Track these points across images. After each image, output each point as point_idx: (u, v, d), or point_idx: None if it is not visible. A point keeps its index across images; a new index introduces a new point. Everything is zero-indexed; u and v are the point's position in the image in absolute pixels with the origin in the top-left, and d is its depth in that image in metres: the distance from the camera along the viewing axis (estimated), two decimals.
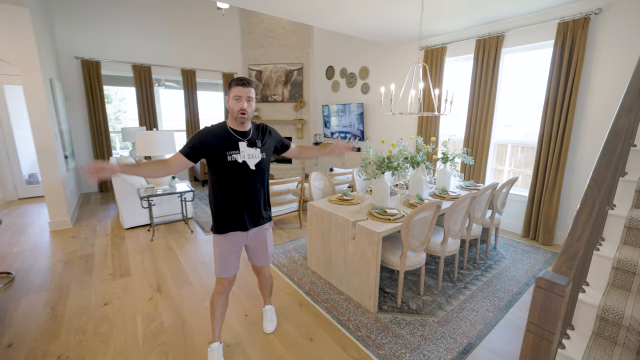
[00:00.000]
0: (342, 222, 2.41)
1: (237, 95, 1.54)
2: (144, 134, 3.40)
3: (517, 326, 2.14)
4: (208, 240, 3.54)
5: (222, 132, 1.60)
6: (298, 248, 3.37)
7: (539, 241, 3.53)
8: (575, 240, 0.93)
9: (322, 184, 3.39)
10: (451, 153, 3.23)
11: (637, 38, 2.82)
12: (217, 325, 1.82)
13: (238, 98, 1.54)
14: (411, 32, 4.36)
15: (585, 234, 0.94)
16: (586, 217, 0.98)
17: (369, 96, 5.77)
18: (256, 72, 7.00)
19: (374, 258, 2.17)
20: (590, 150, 3.19)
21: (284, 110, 7.18)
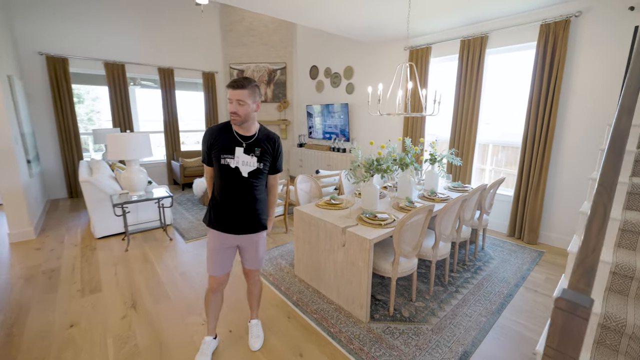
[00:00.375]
0: (331, 228, 2.30)
1: (229, 97, 1.52)
2: (116, 136, 3.15)
3: (511, 331, 2.10)
4: (188, 249, 3.34)
5: (227, 133, 1.59)
6: (284, 254, 3.23)
7: (524, 240, 3.56)
8: (590, 251, 0.86)
9: (308, 186, 3.27)
10: (439, 154, 3.19)
11: (613, 41, 2.88)
12: (211, 321, 1.84)
13: (230, 100, 1.52)
14: (395, 32, 4.32)
15: (600, 245, 0.87)
16: (599, 226, 0.92)
17: (353, 96, 5.70)
18: (238, 72, 6.78)
19: (365, 266, 2.07)
20: (572, 150, 3.24)
21: (267, 111, 7.00)
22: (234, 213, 1.63)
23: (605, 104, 2.99)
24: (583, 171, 3.19)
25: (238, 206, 1.63)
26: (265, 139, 1.64)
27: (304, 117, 6.90)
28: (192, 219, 4.27)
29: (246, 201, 1.64)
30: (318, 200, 2.81)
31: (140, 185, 3.39)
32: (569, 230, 3.34)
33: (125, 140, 3.17)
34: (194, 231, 3.83)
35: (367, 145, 5.59)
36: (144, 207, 3.77)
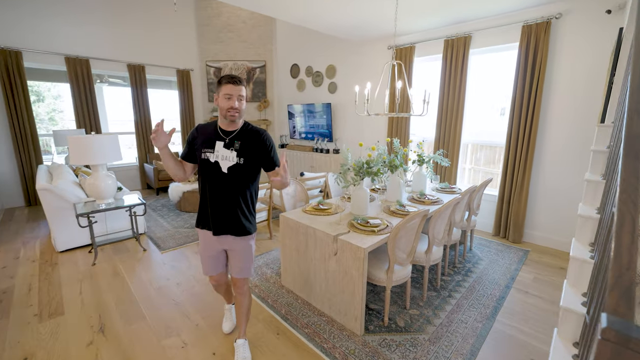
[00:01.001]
0: (321, 236, 2.16)
1: (227, 93, 1.48)
2: (78, 139, 2.83)
3: (507, 336, 2.06)
4: (165, 260, 3.08)
5: (211, 129, 1.58)
6: (270, 263, 3.05)
7: (509, 239, 3.60)
8: (625, 268, 0.78)
9: (293, 190, 3.11)
10: (427, 155, 3.14)
11: (593, 43, 2.94)
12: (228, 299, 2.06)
13: (229, 96, 1.48)
14: (379, 31, 4.25)
15: (635, 260, 0.79)
16: (629, 239, 0.84)
17: (336, 96, 5.59)
18: (215, 69, 6.48)
19: (359, 276, 1.95)
20: (555, 150, 3.30)
21: (247, 111, 6.74)
22: (213, 211, 1.58)
23: (586, 105, 3.05)
24: (565, 170, 3.26)
25: (217, 204, 1.57)
26: (248, 133, 1.58)
27: (286, 117, 6.71)
28: (168, 227, 3.98)
29: (226, 200, 1.57)
30: (305, 205, 2.66)
31: (108, 193, 3.08)
32: (552, 229, 3.41)
33: (90, 142, 2.86)
34: (170, 240, 3.56)
35: (354, 147, 5.50)
36: (114, 215, 3.45)
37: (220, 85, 1.48)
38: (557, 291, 2.60)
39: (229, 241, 1.63)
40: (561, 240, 3.36)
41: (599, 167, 1.90)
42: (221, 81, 1.48)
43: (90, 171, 3.84)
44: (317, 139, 5.95)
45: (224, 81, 1.47)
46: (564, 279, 2.79)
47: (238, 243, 1.64)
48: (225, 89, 1.47)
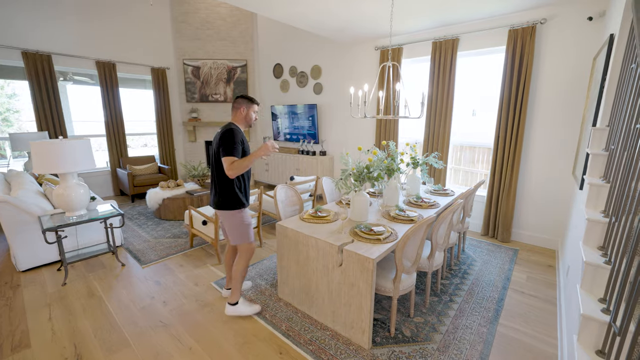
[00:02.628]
0: (324, 246, 2.04)
1: (256, 111, 2.24)
2: (44, 145, 2.52)
3: (512, 340, 2.06)
4: (147, 275, 2.82)
5: (242, 132, 2.15)
6: (262, 273, 2.89)
7: (498, 239, 3.67)
8: None
9: (288, 197, 2.96)
10: (421, 157, 3.12)
11: (576, 47, 3.06)
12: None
13: (256, 112, 2.24)
14: (367, 31, 4.19)
15: None
16: None
17: (322, 97, 5.49)
18: (193, 68, 6.16)
19: (367, 288, 1.85)
20: (540, 152, 3.40)
21: (228, 111, 6.48)
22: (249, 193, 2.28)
23: (570, 108, 3.16)
24: (550, 171, 3.36)
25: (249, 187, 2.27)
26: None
27: (269, 118, 6.52)
28: (147, 237, 3.68)
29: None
30: (302, 213, 2.54)
31: (80, 203, 2.77)
32: (538, 228, 3.52)
33: (58, 149, 2.55)
34: (151, 252, 3.29)
35: (340, 149, 5.42)
36: (86, 227, 3.13)
37: (252, 104, 2.20)
38: (550, 289, 2.66)
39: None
40: (547, 238, 3.47)
41: (597, 170, 1.93)
42: (253, 101, 2.21)
43: (58, 179, 3.47)
44: (302, 141, 5.82)
45: (255, 101, 2.22)
46: (554, 277, 2.87)
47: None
48: (255, 108, 2.22)
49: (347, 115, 5.10)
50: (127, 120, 5.66)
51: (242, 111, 2.15)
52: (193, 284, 2.70)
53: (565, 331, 1.93)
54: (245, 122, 2.18)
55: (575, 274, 2.05)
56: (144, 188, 5.12)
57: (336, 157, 5.51)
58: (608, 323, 1.24)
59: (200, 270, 2.94)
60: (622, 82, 1.89)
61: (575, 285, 1.94)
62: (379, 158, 2.42)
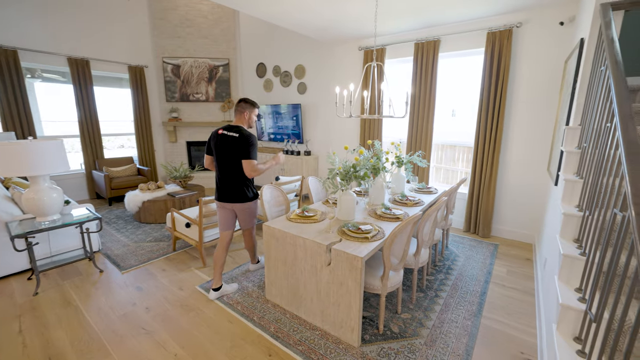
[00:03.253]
0: (312, 245, 2.04)
1: (256, 114, 2.47)
2: (11, 146, 2.36)
3: (496, 331, 2.13)
4: (127, 281, 2.71)
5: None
6: (249, 275, 2.85)
7: (479, 234, 3.80)
8: None
9: (274, 197, 2.93)
10: (405, 156, 3.17)
11: (549, 51, 3.21)
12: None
13: (255, 116, 2.47)
14: (350, 31, 4.22)
15: None
16: None
17: (306, 96, 5.48)
18: (173, 67, 5.98)
19: (356, 286, 1.86)
20: (518, 150, 3.54)
21: (209, 111, 6.34)
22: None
23: (543, 108, 3.32)
24: (526, 168, 3.51)
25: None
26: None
27: None
28: (127, 242, 3.54)
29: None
30: (289, 213, 2.52)
31: (53, 208, 2.63)
32: (517, 223, 3.66)
33: (28, 150, 2.40)
34: (131, 257, 3.16)
35: (325, 148, 5.43)
36: (60, 233, 2.97)
37: (254, 108, 2.44)
38: (528, 282, 2.78)
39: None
40: (524, 233, 3.63)
41: (571, 167, 2.03)
42: (255, 105, 2.43)
43: (27, 183, 3.28)
44: (287, 141, 5.78)
45: (257, 105, 2.45)
46: (532, 270, 3.00)
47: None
48: (256, 111, 2.47)
49: (332, 115, 5.12)
50: (103, 120, 5.42)
51: (246, 115, 2.39)
52: (177, 288, 2.62)
53: (544, 321, 2.02)
54: (247, 124, 2.44)
55: (552, 266, 2.15)
56: (122, 190, 4.92)
57: (321, 157, 5.52)
58: (584, 311, 1.31)
59: (185, 274, 2.86)
60: (592, 84, 2.00)
61: (552, 277, 2.04)
62: (365, 157, 2.43)
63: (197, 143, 6.47)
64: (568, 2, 3.02)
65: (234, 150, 2.29)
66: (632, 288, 1.03)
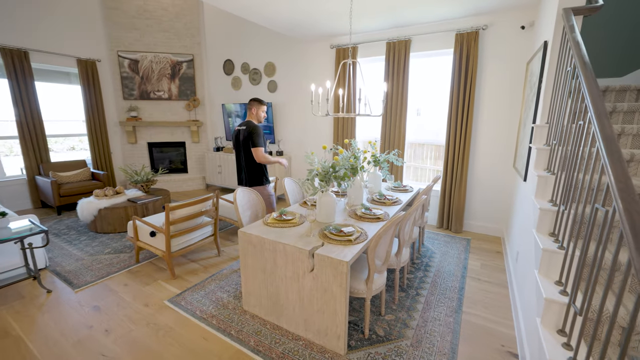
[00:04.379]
0: (293, 251, 1.92)
1: (264, 110, 2.86)
2: None
3: (477, 326, 2.16)
4: (82, 300, 2.39)
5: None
6: (224, 285, 2.66)
7: (452, 230, 3.91)
8: None
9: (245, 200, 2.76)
10: (382, 155, 3.16)
11: (512, 53, 3.37)
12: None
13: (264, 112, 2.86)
14: (323, 29, 4.14)
15: None
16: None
17: (277, 95, 5.32)
18: (130, 62, 5.51)
19: (342, 292, 1.78)
20: (484, 149, 3.69)
21: (173, 110, 5.94)
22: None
23: (509, 108, 3.48)
24: (494, 165, 3.67)
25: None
26: None
27: (220, 118, 6.14)
28: (81, 255, 3.16)
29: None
30: (265, 217, 2.38)
31: None
32: (486, 218, 3.82)
33: None
34: (86, 272, 2.82)
35: (298, 148, 5.31)
36: None
37: (261, 105, 2.82)
38: (501, 274, 2.89)
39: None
40: (493, 227, 3.79)
41: (541, 163, 2.12)
42: (262, 102, 2.83)
43: None
44: None
45: (263, 102, 2.84)
46: (502, 262, 3.12)
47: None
48: (264, 107, 2.84)
49: (304, 113, 5.02)
50: (48, 120, 4.83)
51: (254, 111, 2.81)
52: (142, 305, 2.37)
53: (521, 313, 2.09)
54: (257, 119, 2.83)
55: (525, 259, 2.23)
56: (74, 198, 4.43)
57: (294, 157, 5.39)
58: (567, 304, 1.34)
59: (150, 288, 2.60)
60: (558, 84, 2.09)
61: (527, 270, 2.11)
62: (344, 157, 2.36)
63: (159, 144, 6.03)
64: (528, 7, 3.19)
65: (245, 141, 2.77)
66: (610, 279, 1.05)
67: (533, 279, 1.79)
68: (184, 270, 2.91)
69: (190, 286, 2.63)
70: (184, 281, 2.72)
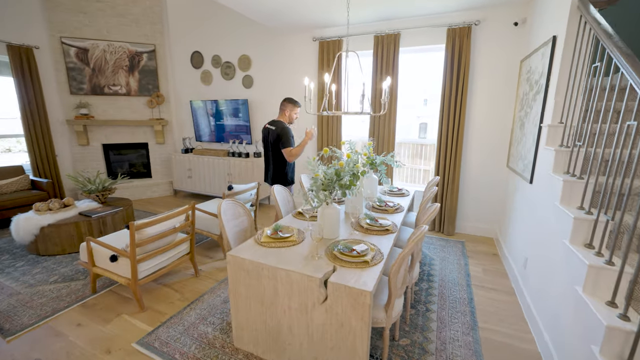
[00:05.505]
0: (299, 279, 1.59)
1: (297, 112, 2.92)
2: None
3: (496, 343, 1.99)
4: (17, 352, 1.85)
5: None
6: (206, 315, 2.24)
7: (444, 233, 3.79)
8: None
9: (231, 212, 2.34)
10: (377, 157, 2.91)
11: (504, 49, 3.29)
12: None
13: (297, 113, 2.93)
14: (304, 19, 3.79)
15: None
16: None
17: (254, 91, 4.89)
18: (78, 50, 4.74)
19: (363, 326, 1.49)
20: (477, 148, 3.60)
21: (133, 107, 5.25)
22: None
23: (502, 106, 3.41)
24: (486, 165, 3.59)
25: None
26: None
27: (188, 116, 5.54)
28: (15, 287, 2.55)
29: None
30: (257, 235, 2.01)
31: None
32: (478, 218, 3.75)
33: None
34: (24, 311, 2.24)
35: None
36: None
37: (295, 107, 2.88)
38: (504, 279, 2.78)
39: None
40: (484, 227, 3.73)
41: (561, 166, 1.99)
42: (296, 104, 2.88)
43: None
44: (232, 142, 5.09)
45: (298, 104, 2.89)
46: (502, 266, 3.01)
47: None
48: (297, 110, 2.90)
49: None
50: None
51: (286, 113, 2.86)
52: (103, 352, 1.89)
53: (542, 326, 1.94)
54: (288, 120, 2.89)
55: (540, 267, 2.09)
56: (8, 212, 3.67)
57: None
58: (637, 333, 1.16)
59: (113, 326, 2.11)
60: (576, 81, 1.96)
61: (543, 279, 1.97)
62: (352, 160, 2.06)
63: (117, 146, 5.29)
64: (520, 4, 3.11)
65: (274, 143, 2.81)
66: None
67: (564, 293, 1.63)
68: (156, 299, 2.43)
69: (165, 320, 2.18)
70: (156, 314, 2.26)
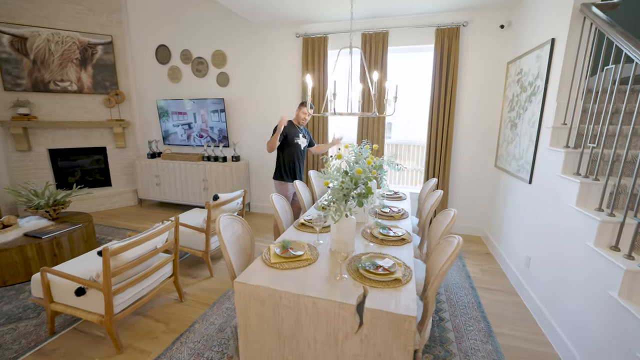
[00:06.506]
0: (328, 307, 1.38)
1: (305, 112, 2.98)
2: None
3: (517, 350, 1.95)
4: None
5: (294, 128, 3.03)
6: (202, 350, 1.93)
7: None
8: None
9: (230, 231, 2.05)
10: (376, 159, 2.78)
11: (491, 51, 3.35)
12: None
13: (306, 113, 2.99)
14: (286, 13, 3.56)
15: None
16: None
17: (230, 90, 4.52)
18: (14, 39, 4.01)
19: (406, 355, 1.32)
20: (466, 148, 3.64)
21: (86, 107, 4.60)
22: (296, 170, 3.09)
23: (489, 107, 3.47)
24: (474, 164, 3.64)
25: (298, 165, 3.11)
26: (305, 130, 3.19)
27: (154, 117, 5.00)
28: None
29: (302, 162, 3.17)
30: (264, 254, 1.75)
31: None
32: (465, 217, 3.80)
33: None
34: None
35: (257, 153, 4.59)
36: None
37: (302, 106, 3.01)
38: (503, 279, 2.81)
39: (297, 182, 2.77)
40: (472, 226, 3.79)
41: (570, 167, 2.00)
42: (303, 104, 3.02)
43: None
44: (207, 144, 4.67)
45: (304, 104, 3.02)
46: (497, 265, 3.05)
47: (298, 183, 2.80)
48: (304, 109, 2.98)
49: (265, 111, 4.36)
50: None
51: (296, 113, 3.04)
52: None
53: (559, 328, 1.94)
54: (296, 120, 3.06)
55: (549, 266, 2.10)
56: None
57: (252, 162, 4.67)
58: None
59: None
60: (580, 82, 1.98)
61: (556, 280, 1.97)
62: (374, 165, 1.89)
63: (67, 151, 4.60)
64: (506, 8, 3.18)
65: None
66: None
67: (586, 296, 1.62)
68: (135, 334, 2.06)
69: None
70: (138, 354, 1.90)
